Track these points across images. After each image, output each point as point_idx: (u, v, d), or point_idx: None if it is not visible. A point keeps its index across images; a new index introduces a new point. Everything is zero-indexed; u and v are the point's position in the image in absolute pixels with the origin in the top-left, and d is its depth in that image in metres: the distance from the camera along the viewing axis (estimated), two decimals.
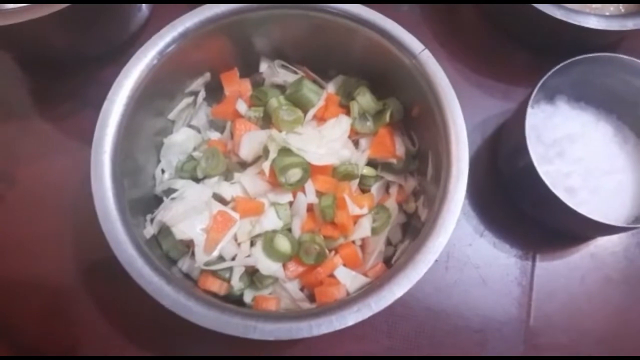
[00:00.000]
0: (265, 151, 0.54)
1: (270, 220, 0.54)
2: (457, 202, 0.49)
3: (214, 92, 0.62)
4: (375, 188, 0.60)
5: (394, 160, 0.59)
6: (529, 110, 0.57)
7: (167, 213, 0.52)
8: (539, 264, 0.65)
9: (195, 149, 0.61)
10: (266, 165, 0.53)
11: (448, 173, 0.50)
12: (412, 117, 0.59)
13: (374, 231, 0.57)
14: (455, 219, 0.48)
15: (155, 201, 0.58)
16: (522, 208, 0.66)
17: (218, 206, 0.54)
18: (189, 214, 0.53)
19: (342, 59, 0.60)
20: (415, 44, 0.53)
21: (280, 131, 0.56)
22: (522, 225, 0.66)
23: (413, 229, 0.58)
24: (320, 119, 0.59)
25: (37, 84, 0.69)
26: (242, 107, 0.59)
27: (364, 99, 0.58)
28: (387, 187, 0.61)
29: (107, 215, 0.47)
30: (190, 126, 0.62)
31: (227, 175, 0.58)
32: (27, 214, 0.64)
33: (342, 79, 0.61)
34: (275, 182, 0.54)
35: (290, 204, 0.56)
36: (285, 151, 0.53)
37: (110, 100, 0.50)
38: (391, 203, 0.59)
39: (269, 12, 0.55)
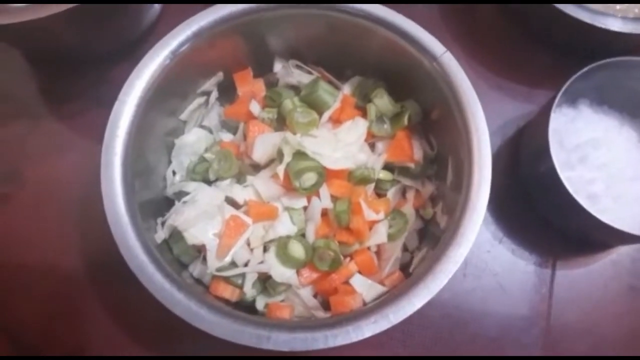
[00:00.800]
0: (280, 154, 0.52)
1: (284, 226, 0.52)
2: (480, 211, 0.47)
3: (227, 92, 0.61)
4: (391, 193, 0.58)
5: (411, 165, 0.57)
6: (552, 115, 0.55)
7: (179, 217, 0.51)
8: (559, 272, 0.64)
9: (207, 150, 0.59)
10: (280, 169, 0.52)
11: (470, 180, 0.49)
12: (431, 120, 0.57)
13: (390, 237, 0.55)
14: (477, 228, 0.47)
15: (166, 203, 0.57)
16: (542, 214, 0.64)
17: (231, 210, 0.52)
18: (201, 218, 0.51)
19: (359, 60, 0.59)
20: (436, 46, 0.52)
21: (294, 133, 0.54)
22: (542, 231, 0.64)
23: (431, 236, 0.56)
24: (336, 121, 0.57)
25: (48, 82, 0.68)
26: (255, 108, 0.57)
27: (382, 102, 0.57)
28: (403, 191, 0.59)
29: (117, 219, 0.46)
30: (202, 126, 0.61)
31: (240, 178, 0.56)
32: (36, 213, 0.63)
33: (358, 80, 0.60)
34: (289, 186, 0.53)
35: (305, 208, 0.54)
36: (300, 155, 0.52)
37: (122, 101, 0.49)
38: (408, 208, 0.58)
39: (285, 12, 0.53)
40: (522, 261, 0.64)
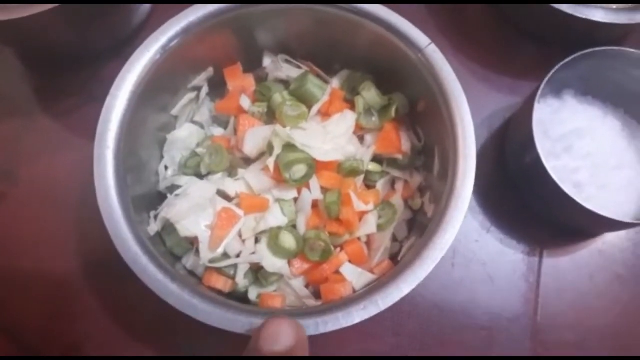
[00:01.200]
0: (270, 147, 0.53)
1: (275, 217, 0.53)
2: (465, 199, 0.48)
3: (217, 87, 0.62)
4: (380, 184, 0.59)
5: (399, 156, 0.58)
6: (536, 105, 0.56)
7: (171, 210, 0.52)
8: (547, 261, 0.65)
9: (198, 145, 0.60)
10: (270, 162, 0.52)
11: (455, 169, 0.50)
12: (418, 112, 0.58)
13: (380, 227, 0.56)
14: (462, 215, 0.48)
15: (158, 198, 0.58)
16: (529, 204, 0.65)
17: (222, 203, 0.53)
18: (193, 210, 0.52)
19: (347, 54, 0.60)
20: (421, 39, 0.53)
21: (284, 127, 0.55)
22: (529, 221, 0.65)
23: (419, 226, 0.57)
24: (325, 114, 0.58)
25: (40, 80, 0.68)
26: (245, 102, 0.58)
27: (369, 94, 0.58)
28: (392, 183, 0.60)
29: (110, 212, 0.47)
30: (193, 122, 0.62)
31: (231, 172, 0.57)
32: (30, 212, 0.63)
33: (346, 74, 0.61)
34: (279, 179, 0.54)
35: (295, 200, 0.55)
36: (289, 147, 0.52)
37: (113, 96, 0.50)
38: (397, 199, 0.59)
39: (273, 7, 0.54)
40: (510, 250, 0.65)
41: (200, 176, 0.58)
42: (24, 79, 0.69)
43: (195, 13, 0.52)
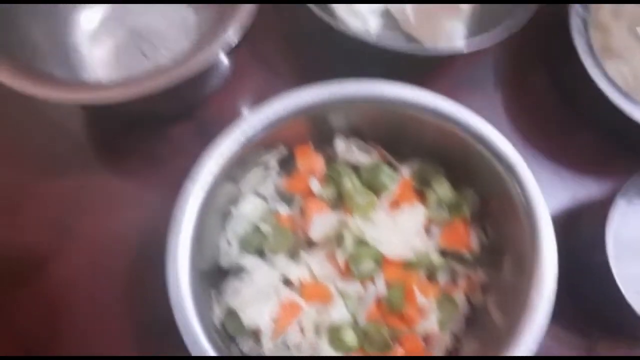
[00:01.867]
0: (339, 238, 0.53)
1: (339, 313, 0.52)
2: (543, 312, 0.47)
3: (285, 162, 0.61)
4: (442, 277, 0.58)
5: (466, 253, 0.57)
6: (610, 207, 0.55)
7: (236, 298, 0.51)
8: None
9: (261, 219, 0.59)
10: (340, 256, 0.52)
11: (531, 277, 0.49)
12: (488, 208, 0.57)
13: (440, 324, 0.55)
14: (541, 331, 0.46)
15: (219, 274, 0.57)
16: (585, 305, 0.63)
17: (286, 292, 0.53)
18: (257, 298, 0.52)
19: (417, 142, 0.59)
20: (513, 157, 0.52)
21: (352, 214, 0.54)
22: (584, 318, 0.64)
23: (481, 325, 0.56)
24: (394, 203, 0.57)
25: (104, 136, 0.68)
26: (315, 185, 0.57)
27: (442, 190, 0.57)
28: (454, 276, 0.59)
29: (181, 306, 0.46)
30: (257, 194, 0.61)
31: (294, 253, 0.56)
32: (86, 270, 0.63)
33: (417, 164, 0.59)
34: (344, 270, 0.53)
35: (358, 293, 0.54)
36: (360, 241, 0.52)
37: (193, 180, 0.49)
38: (459, 295, 0.57)
39: (352, 101, 0.54)
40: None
41: (262, 253, 0.57)
42: (88, 134, 0.68)
43: (283, 105, 0.52)
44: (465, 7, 0.69)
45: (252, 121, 0.52)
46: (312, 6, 0.62)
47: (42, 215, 0.64)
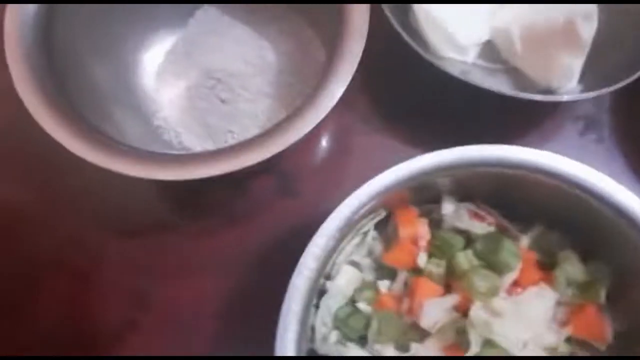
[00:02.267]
0: (459, 331, 0.46)
1: None
2: None
3: (380, 224, 0.54)
4: None
5: (599, 344, 0.49)
6: None
7: None
8: None
9: (355, 292, 0.53)
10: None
11: None
12: (623, 289, 0.50)
13: None
14: None
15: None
16: None
17: None
18: None
19: (536, 208, 0.51)
20: None
21: (471, 300, 0.47)
22: None
23: None
24: (515, 284, 0.50)
25: (178, 196, 0.62)
26: (422, 260, 0.50)
27: (573, 269, 0.49)
28: None
29: None
30: (350, 262, 0.54)
31: (400, 343, 0.49)
32: (162, 341, 0.57)
33: (539, 232, 0.52)
34: None
35: None
36: (486, 341, 0.45)
37: (299, 273, 0.43)
38: None
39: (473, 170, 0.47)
40: None
41: (363, 338, 0.50)
42: (161, 194, 0.62)
43: (390, 178, 0.45)
44: (588, 37, 0.59)
45: (360, 196, 0.45)
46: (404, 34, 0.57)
47: (117, 280, 0.59)
